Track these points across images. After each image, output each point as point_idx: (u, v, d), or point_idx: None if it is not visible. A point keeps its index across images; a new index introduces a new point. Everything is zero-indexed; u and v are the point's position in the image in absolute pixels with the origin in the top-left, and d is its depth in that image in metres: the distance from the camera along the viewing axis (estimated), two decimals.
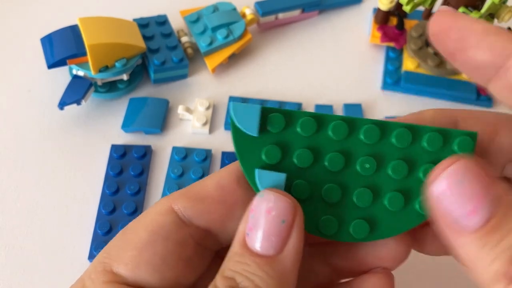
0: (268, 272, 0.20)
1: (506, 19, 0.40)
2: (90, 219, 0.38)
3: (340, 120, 0.21)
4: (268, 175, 0.21)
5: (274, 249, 0.20)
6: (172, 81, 0.46)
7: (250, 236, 0.20)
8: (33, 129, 0.43)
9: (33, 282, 0.36)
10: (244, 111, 0.21)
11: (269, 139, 0.21)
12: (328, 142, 0.21)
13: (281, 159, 0.21)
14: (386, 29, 0.48)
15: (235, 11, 0.48)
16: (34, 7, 0.51)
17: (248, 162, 0.21)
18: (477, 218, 0.17)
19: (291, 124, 0.21)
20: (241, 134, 0.21)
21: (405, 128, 0.21)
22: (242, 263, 0.20)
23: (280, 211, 0.20)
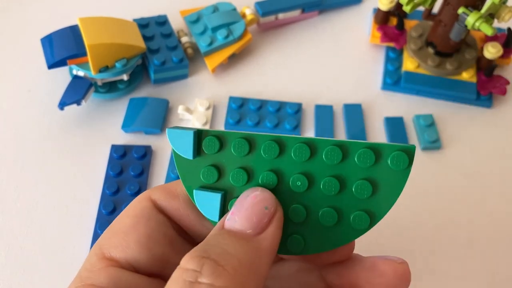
0: (243, 246, 0.20)
1: (506, 19, 0.40)
2: (90, 219, 0.38)
3: (270, 141, 0.22)
4: (205, 195, 0.22)
5: (254, 229, 0.20)
6: (172, 81, 0.46)
7: (230, 219, 0.21)
8: (33, 129, 0.43)
9: (33, 282, 0.36)
10: (179, 136, 0.22)
11: (205, 161, 0.23)
12: (260, 161, 0.22)
13: (217, 179, 0.23)
14: (386, 29, 0.48)
15: (235, 11, 0.48)
16: (34, 7, 0.51)
17: (188, 182, 0.23)
18: None
19: (225, 146, 0.22)
20: (180, 158, 0.23)
21: (335, 146, 0.22)
22: (216, 239, 0.20)
23: (265, 199, 0.21)
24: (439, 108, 0.45)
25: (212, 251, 0.19)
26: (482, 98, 0.45)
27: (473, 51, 0.46)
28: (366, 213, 0.22)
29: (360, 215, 0.22)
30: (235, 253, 0.19)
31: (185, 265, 0.19)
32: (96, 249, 0.23)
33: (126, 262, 0.22)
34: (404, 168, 0.21)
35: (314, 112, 0.44)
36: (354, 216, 0.22)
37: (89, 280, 0.22)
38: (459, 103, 0.46)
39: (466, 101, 0.45)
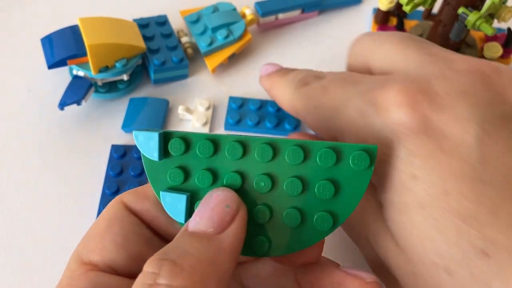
0: (204, 245, 0.19)
1: (506, 19, 0.40)
2: (90, 219, 0.38)
3: (234, 141, 0.22)
4: (171, 196, 0.22)
5: (214, 227, 0.20)
6: (172, 81, 0.46)
7: (192, 220, 0.21)
8: (33, 129, 0.43)
9: (33, 282, 0.36)
10: (145, 138, 0.22)
11: (172, 163, 0.23)
12: (225, 162, 0.22)
13: (184, 180, 0.23)
14: (386, 29, 0.48)
15: (235, 11, 0.48)
16: (34, 7, 0.51)
17: (156, 184, 0.23)
18: None
19: (190, 147, 0.22)
20: (148, 160, 0.23)
21: (296, 146, 0.21)
22: (178, 241, 0.20)
23: (226, 197, 0.21)
24: None
25: (172, 252, 0.19)
26: None
27: (473, 51, 0.46)
28: (329, 214, 0.22)
29: (323, 216, 0.22)
30: (194, 252, 0.19)
31: (146, 268, 0.19)
32: (75, 255, 0.23)
33: (104, 264, 0.22)
34: (365, 168, 0.21)
35: None
36: (317, 217, 0.22)
37: (70, 286, 0.22)
38: None
39: None
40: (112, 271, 0.23)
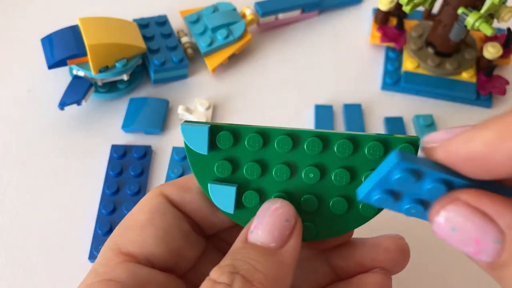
0: (268, 261, 0.20)
1: (506, 19, 0.40)
2: (90, 219, 0.38)
3: (284, 135, 0.23)
4: (220, 188, 0.23)
5: (276, 242, 0.21)
6: (172, 81, 0.46)
7: (253, 233, 0.21)
8: (33, 129, 0.43)
9: (33, 282, 0.36)
10: (193, 132, 0.23)
11: (219, 155, 0.23)
12: (273, 154, 0.23)
13: (231, 172, 0.23)
14: (386, 29, 0.48)
15: (235, 11, 0.48)
16: (34, 7, 0.51)
17: (202, 176, 0.23)
18: (483, 258, 0.17)
19: (239, 140, 0.23)
20: (194, 152, 0.23)
21: (346, 139, 0.22)
22: (242, 253, 0.21)
23: (285, 211, 0.22)
24: (439, 108, 0.45)
25: (241, 267, 0.20)
26: (482, 98, 0.45)
27: (473, 51, 0.46)
28: None
29: None
30: (261, 268, 0.20)
31: (217, 278, 0.19)
32: (111, 244, 0.23)
33: (143, 257, 0.23)
34: None
35: (313, 112, 0.44)
36: (363, 204, 0.23)
37: (106, 275, 0.22)
38: (459, 103, 0.46)
39: (466, 101, 0.45)
40: (149, 263, 0.23)
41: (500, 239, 0.16)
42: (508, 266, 0.16)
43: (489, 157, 0.16)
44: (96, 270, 0.22)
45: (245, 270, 0.20)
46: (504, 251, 0.16)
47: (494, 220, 0.16)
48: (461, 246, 0.17)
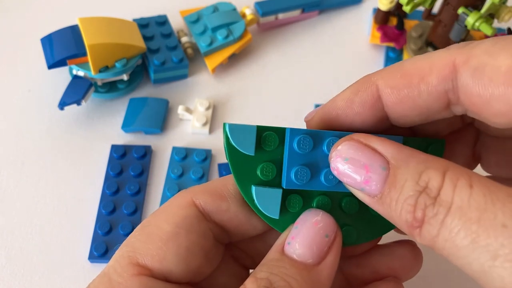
0: (304, 278, 0.20)
1: (506, 19, 0.40)
2: (90, 219, 0.38)
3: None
4: (265, 191, 0.22)
5: (313, 259, 0.20)
6: (172, 81, 0.46)
7: (291, 245, 0.21)
8: (33, 129, 0.43)
9: (33, 283, 0.36)
10: (240, 131, 0.22)
11: (264, 157, 0.22)
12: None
13: (275, 175, 0.22)
14: (386, 29, 0.48)
15: (235, 11, 0.48)
16: (34, 7, 0.51)
17: (244, 179, 0.22)
18: (373, 186, 0.19)
19: (284, 141, 0.22)
20: (237, 153, 0.22)
21: None
22: (279, 266, 0.20)
23: (325, 225, 0.21)
24: None
25: (277, 283, 0.19)
26: None
27: None
28: None
29: None
30: (296, 286, 0.20)
31: None
32: (130, 251, 0.22)
33: (160, 272, 0.22)
34: None
35: None
36: None
37: (120, 286, 0.21)
38: None
39: None
40: (164, 278, 0.22)
41: (386, 166, 0.19)
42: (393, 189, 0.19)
43: (349, 109, 0.22)
44: (109, 277, 0.21)
45: (281, 287, 0.19)
46: (388, 176, 0.19)
47: (380, 152, 0.20)
48: (354, 177, 0.20)
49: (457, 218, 0.17)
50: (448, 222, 0.17)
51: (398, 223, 0.19)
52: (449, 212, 0.17)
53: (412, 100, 0.20)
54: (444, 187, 0.18)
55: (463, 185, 0.17)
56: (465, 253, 0.16)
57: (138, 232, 0.23)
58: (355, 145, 0.20)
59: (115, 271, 0.22)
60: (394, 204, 0.19)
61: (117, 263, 0.22)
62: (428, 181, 0.18)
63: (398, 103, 0.21)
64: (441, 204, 0.17)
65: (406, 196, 0.18)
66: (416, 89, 0.20)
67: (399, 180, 0.19)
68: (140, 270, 0.21)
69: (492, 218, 0.16)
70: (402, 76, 0.20)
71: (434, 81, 0.20)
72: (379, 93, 0.21)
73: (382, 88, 0.21)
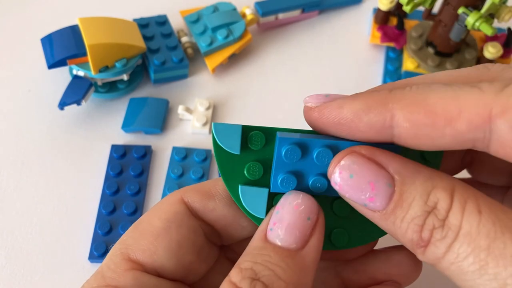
0: (289, 264, 0.20)
1: (506, 19, 0.40)
2: (90, 219, 0.38)
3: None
4: (251, 190, 0.22)
5: (297, 243, 0.20)
6: (172, 81, 0.46)
7: (273, 231, 0.20)
8: (33, 129, 0.43)
9: (33, 283, 0.36)
10: (226, 131, 0.22)
11: (250, 156, 0.22)
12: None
13: (262, 175, 0.22)
14: (386, 29, 0.48)
15: (235, 11, 0.48)
16: (34, 7, 0.51)
17: (230, 178, 0.22)
18: (378, 203, 0.19)
19: (271, 140, 0.22)
20: (223, 152, 0.22)
21: None
22: (262, 255, 0.20)
23: (307, 208, 0.21)
24: None
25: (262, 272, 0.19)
26: None
27: (473, 51, 0.46)
28: None
29: None
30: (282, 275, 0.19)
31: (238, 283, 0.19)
32: (122, 248, 0.22)
33: (151, 267, 0.22)
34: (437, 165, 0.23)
35: None
36: None
37: (113, 281, 0.21)
38: None
39: None
40: (156, 273, 0.22)
41: (391, 183, 0.19)
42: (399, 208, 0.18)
43: (354, 124, 0.20)
44: (103, 274, 0.22)
45: (266, 276, 0.19)
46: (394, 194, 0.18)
47: (385, 167, 0.19)
48: (358, 193, 0.19)
49: (466, 244, 0.17)
50: (456, 247, 0.17)
51: (401, 240, 0.19)
52: (458, 237, 0.17)
53: (431, 140, 0.19)
54: (453, 209, 0.17)
55: (471, 210, 0.17)
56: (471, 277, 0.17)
57: (130, 229, 0.23)
58: (359, 160, 0.19)
59: (108, 268, 0.22)
60: (399, 222, 0.18)
61: (110, 261, 0.22)
62: (437, 201, 0.18)
63: (413, 139, 0.19)
64: (450, 228, 0.17)
65: (414, 216, 0.18)
66: (439, 131, 0.18)
67: (405, 198, 0.18)
68: (132, 265, 0.22)
69: (502, 248, 0.16)
70: (426, 114, 0.18)
71: (463, 128, 0.18)
72: (393, 123, 0.19)
73: (399, 121, 0.19)
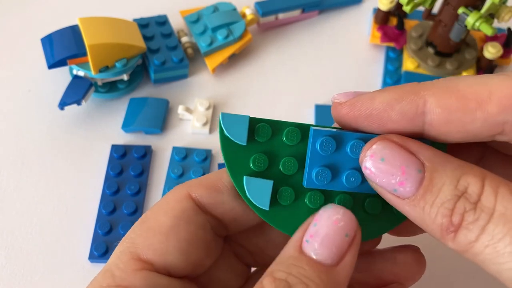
0: (323, 280, 0.19)
1: (506, 19, 0.40)
2: (90, 219, 0.38)
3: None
4: (256, 181, 0.22)
5: (332, 259, 0.20)
6: (172, 81, 0.46)
7: (310, 243, 0.20)
8: (33, 129, 0.43)
9: (33, 283, 0.36)
10: (233, 121, 0.22)
11: (256, 148, 0.22)
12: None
13: (268, 166, 0.22)
14: (386, 29, 0.48)
15: (235, 11, 0.48)
16: (34, 7, 0.51)
17: (236, 169, 0.22)
18: (408, 187, 0.19)
19: (277, 133, 0.22)
20: (230, 142, 0.22)
21: None
22: (297, 267, 0.20)
23: (346, 224, 0.20)
24: None
25: (295, 286, 0.19)
26: None
27: (473, 51, 0.46)
28: None
29: None
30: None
31: None
32: (131, 247, 0.22)
33: (162, 266, 0.22)
34: None
35: (314, 112, 0.44)
36: None
37: (124, 281, 0.21)
38: None
39: None
40: (166, 272, 0.22)
41: (421, 169, 0.19)
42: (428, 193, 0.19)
43: (386, 114, 0.20)
44: (112, 273, 0.21)
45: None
46: (424, 179, 0.19)
47: (416, 154, 0.19)
48: (388, 177, 0.19)
49: (501, 224, 0.17)
50: (491, 228, 0.17)
51: (430, 227, 0.19)
52: (492, 218, 0.17)
53: (462, 125, 0.19)
54: (485, 193, 0.17)
55: (505, 193, 0.17)
56: (506, 259, 0.17)
57: (137, 227, 0.23)
58: (390, 145, 0.20)
59: (117, 267, 0.22)
60: (429, 208, 0.18)
61: (118, 260, 0.22)
62: (467, 186, 0.18)
63: (445, 124, 0.20)
64: (483, 210, 0.17)
65: (444, 200, 0.18)
66: (471, 115, 0.19)
67: (435, 183, 0.18)
68: (143, 265, 0.21)
69: None
70: (457, 98, 0.19)
71: (494, 110, 0.19)
72: (425, 109, 0.20)
73: (431, 106, 0.20)
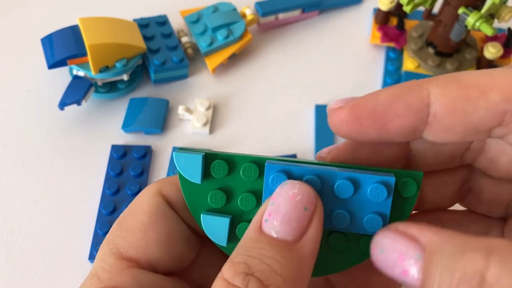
0: (286, 257, 0.19)
1: (507, 19, 0.40)
2: (90, 219, 0.38)
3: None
4: (212, 219, 0.22)
5: (293, 235, 0.19)
6: (172, 81, 0.46)
7: (268, 222, 0.20)
8: (33, 129, 0.43)
9: (33, 283, 0.36)
10: (187, 160, 0.22)
11: (213, 185, 0.22)
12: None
13: (226, 202, 0.22)
14: (386, 29, 0.48)
15: (235, 11, 0.48)
16: (34, 7, 0.51)
17: (195, 207, 0.22)
18: (410, 276, 0.18)
19: (234, 169, 0.22)
20: (187, 181, 0.22)
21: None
22: (258, 247, 0.19)
23: (304, 197, 0.20)
24: None
25: (256, 267, 0.19)
26: None
27: (474, 51, 0.46)
28: None
29: None
30: (279, 270, 0.19)
31: (231, 279, 0.18)
32: (112, 248, 0.22)
33: (146, 262, 0.22)
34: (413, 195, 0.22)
35: (314, 112, 0.44)
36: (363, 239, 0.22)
37: (111, 282, 0.21)
38: None
39: None
40: (151, 268, 0.22)
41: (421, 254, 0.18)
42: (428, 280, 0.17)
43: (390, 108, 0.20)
44: (98, 276, 0.21)
45: (261, 271, 0.18)
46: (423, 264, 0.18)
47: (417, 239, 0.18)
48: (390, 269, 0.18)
49: None
50: None
51: None
52: None
53: (465, 114, 0.19)
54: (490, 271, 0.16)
55: None
56: None
57: (115, 228, 0.23)
58: (390, 235, 0.19)
59: (103, 270, 0.22)
60: None
61: (103, 262, 0.22)
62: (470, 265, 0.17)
63: (448, 114, 0.19)
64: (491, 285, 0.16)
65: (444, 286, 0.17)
66: (473, 103, 0.19)
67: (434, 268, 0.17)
68: (128, 263, 0.22)
69: None
70: (460, 88, 0.19)
71: (496, 98, 0.19)
72: (430, 101, 0.20)
73: (435, 96, 0.19)
